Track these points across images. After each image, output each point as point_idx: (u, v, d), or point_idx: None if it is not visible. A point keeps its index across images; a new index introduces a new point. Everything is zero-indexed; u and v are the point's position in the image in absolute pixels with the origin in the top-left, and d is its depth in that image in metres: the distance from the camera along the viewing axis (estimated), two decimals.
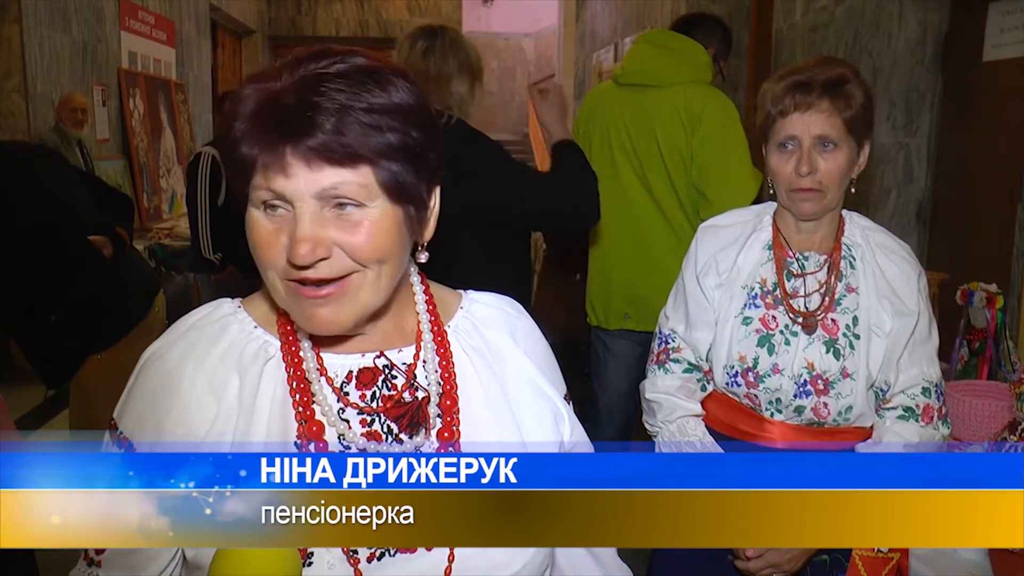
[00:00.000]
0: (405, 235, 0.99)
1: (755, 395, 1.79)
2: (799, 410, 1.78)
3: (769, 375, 1.77)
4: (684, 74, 3.07)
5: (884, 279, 1.81)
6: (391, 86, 0.95)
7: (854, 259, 1.83)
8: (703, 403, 1.90)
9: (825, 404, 1.77)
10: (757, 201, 2.98)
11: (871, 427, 1.83)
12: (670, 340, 1.93)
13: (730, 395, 1.84)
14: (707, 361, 1.87)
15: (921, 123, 4.05)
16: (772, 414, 1.80)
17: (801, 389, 1.76)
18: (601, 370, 3.30)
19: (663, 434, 1.89)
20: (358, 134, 0.92)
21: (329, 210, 0.93)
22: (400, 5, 11.06)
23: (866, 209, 4.10)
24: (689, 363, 1.90)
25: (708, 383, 1.89)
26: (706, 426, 1.89)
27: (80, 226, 3.15)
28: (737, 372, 1.79)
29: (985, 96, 3.69)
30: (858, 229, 1.86)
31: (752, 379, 1.78)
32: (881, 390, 1.80)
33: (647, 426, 1.95)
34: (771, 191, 1.86)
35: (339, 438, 1.01)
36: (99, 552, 1.08)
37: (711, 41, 3.33)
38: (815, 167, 1.72)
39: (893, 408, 1.82)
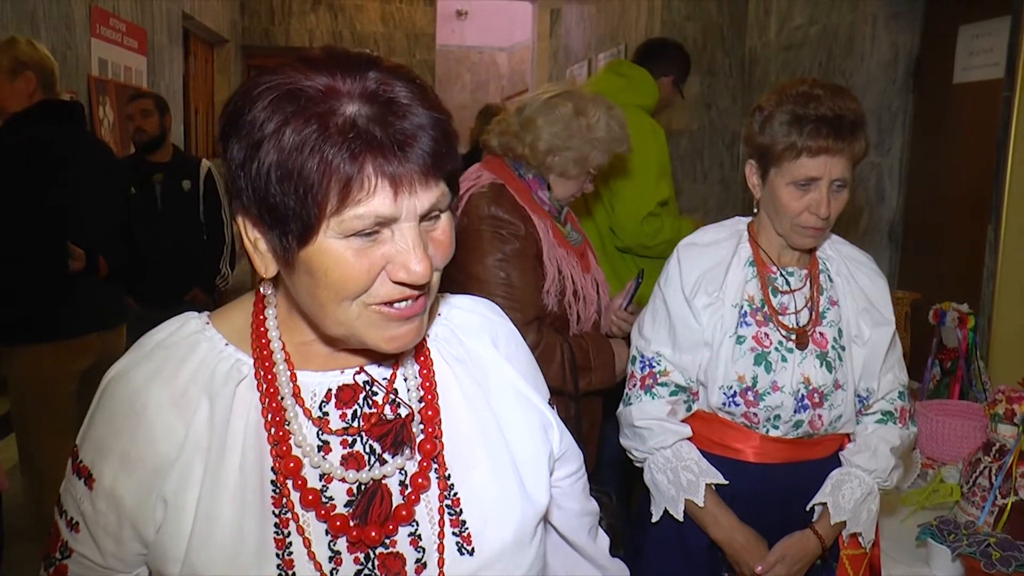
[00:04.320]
0: None
1: (754, 413, 1.78)
2: (797, 424, 1.78)
3: (769, 393, 1.76)
4: (625, 97, 3.26)
5: (860, 290, 1.85)
6: (428, 85, 0.93)
7: (831, 272, 1.86)
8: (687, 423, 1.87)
9: (820, 416, 1.79)
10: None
11: (848, 433, 1.87)
12: (655, 363, 1.86)
13: (724, 415, 1.82)
14: (697, 382, 1.84)
15: (893, 143, 4.09)
16: (768, 430, 1.79)
17: (799, 404, 1.77)
18: None
19: (655, 460, 1.85)
20: (448, 138, 0.89)
21: (421, 224, 0.90)
22: (374, 17, 11.03)
23: (838, 227, 4.12)
24: (676, 386, 1.85)
25: (693, 403, 1.87)
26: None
27: (83, 231, 3.19)
28: (736, 392, 1.77)
29: (955, 117, 3.74)
30: (827, 242, 1.89)
31: (752, 398, 1.76)
32: (861, 397, 1.84)
33: (634, 452, 1.90)
34: (755, 209, 1.86)
35: (317, 470, 0.97)
36: None
37: (671, 67, 3.65)
38: (830, 208, 1.73)
39: (872, 413, 1.87)
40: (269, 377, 0.98)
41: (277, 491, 0.95)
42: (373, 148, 0.84)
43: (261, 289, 1.02)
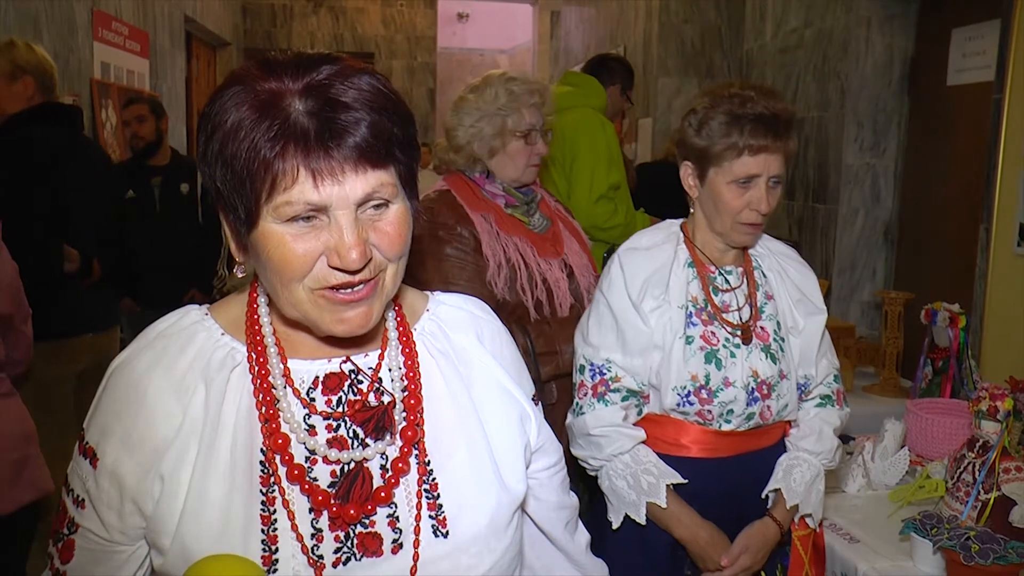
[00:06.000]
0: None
1: (708, 411, 1.82)
2: (749, 417, 1.83)
3: (722, 389, 1.80)
4: (575, 100, 3.70)
5: (792, 283, 1.92)
6: (386, 83, 0.97)
7: (763, 268, 1.93)
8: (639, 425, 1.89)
9: (768, 407, 1.85)
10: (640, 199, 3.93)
11: (791, 420, 1.93)
12: (605, 370, 1.86)
13: (677, 415, 1.84)
14: (648, 386, 1.86)
15: (888, 145, 4.12)
16: (720, 425, 1.83)
17: (751, 397, 1.82)
18: None
19: (613, 466, 1.85)
20: (385, 133, 0.94)
21: (363, 212, 0.95)
22: (375, 20, 11.07)
23: (834, 229, 4.17)
24: (628, 390, 1.85)
25: (644, 407, 1.88)
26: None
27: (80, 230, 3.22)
28: (689, 392, 1.80)
29: (949, 119, 3.77)
30: (757, 240, 1.95)
31: (705, 396, 1.80)
32: (800, 385, 1.90)
33: (590, 461, 1.89)
34: (691, 210, 1.91)
35: (304, 447, 1.02)
36: (64, 562, 1.07)
37: (615, 77, 4.17)
38: (770, 204, 1.80)
39: (812, 398, 1.95)
40: (261, 361, 1.04)
41: (265, 470, 1.00)
42: (296, 138, 0.90)
43: (235, 270, 1.07)
